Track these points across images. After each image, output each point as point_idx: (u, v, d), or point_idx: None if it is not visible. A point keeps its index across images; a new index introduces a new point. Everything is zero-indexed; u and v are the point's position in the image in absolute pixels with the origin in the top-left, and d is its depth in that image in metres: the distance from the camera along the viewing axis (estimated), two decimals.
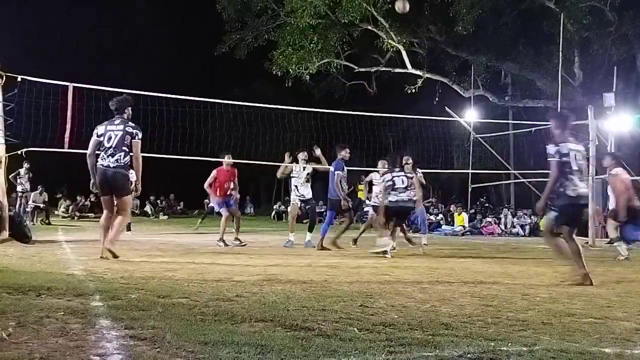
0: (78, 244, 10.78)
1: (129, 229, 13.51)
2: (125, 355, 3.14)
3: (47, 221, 19.05)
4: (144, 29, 32.83)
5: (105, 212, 8.10)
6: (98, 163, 7.90)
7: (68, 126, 11.14)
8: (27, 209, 18.46)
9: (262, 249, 11.04)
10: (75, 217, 23.11)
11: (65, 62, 28.42)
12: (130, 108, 8.23)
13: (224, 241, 11.26)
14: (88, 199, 25.28)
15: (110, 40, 32.85)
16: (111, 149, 7.82)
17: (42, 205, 19.47)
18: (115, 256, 7.79)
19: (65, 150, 11.55)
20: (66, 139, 11.19)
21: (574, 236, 6.81)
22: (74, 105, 11.23)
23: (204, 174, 12.81)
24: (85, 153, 8.21)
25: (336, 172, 10.87)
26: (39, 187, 19.49)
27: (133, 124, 8.04)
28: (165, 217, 26.51)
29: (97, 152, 7.98)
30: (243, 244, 11.35)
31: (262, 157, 19.25)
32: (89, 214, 23.82)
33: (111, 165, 7.82)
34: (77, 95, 11.48)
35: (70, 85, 11.23)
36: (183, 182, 26.34)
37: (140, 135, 8.01)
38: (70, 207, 23.99)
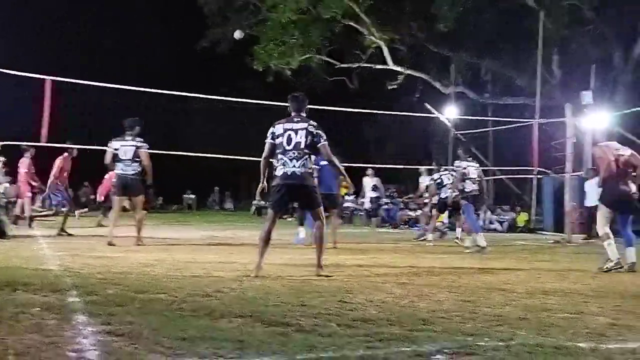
0: (55, 239, 10.67)
1: (31, 221, 13.39)
2: (102, 351, 3.11)
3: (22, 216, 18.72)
4: (126, 22, 32.41)
5: (115, 209, 10.21)
6: (119, 171, 9.77)
7: (46, 120, 11.02)
8: (1, 204, 18.11)
9: (241, 245, 11.00)
10: (52, 212, 22.78)
11: (45, 56, 27.96)
12: (139, 127, 9.91)
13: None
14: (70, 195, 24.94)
15: (93, 34, 32.36)
16: (127, 161, 9.68)
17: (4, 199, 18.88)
18: (142, 244, 9.67)
19: (43, 144, 11.43)
20: (43, 133, 11.07)
21: (318, 221, 6.56)
22: (52, 99, 11.12)
23: (182, 169, 12.77)
24: (63, 147, 11.41)
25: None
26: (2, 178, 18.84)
27: (140, 139, 9.79)
28: (144, 212, 26.23)
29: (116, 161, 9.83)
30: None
31: (243, 152, 19.19)
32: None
33: (129, 173, 9.70)
34: (56, 89, 11.36)
35: (48, 78, 11.10)
36: (161, 177, 26.12)
37: (146, 146, 9.80)
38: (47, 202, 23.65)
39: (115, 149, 9.76)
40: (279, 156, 6.46)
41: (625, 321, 4.31)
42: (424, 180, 14.83)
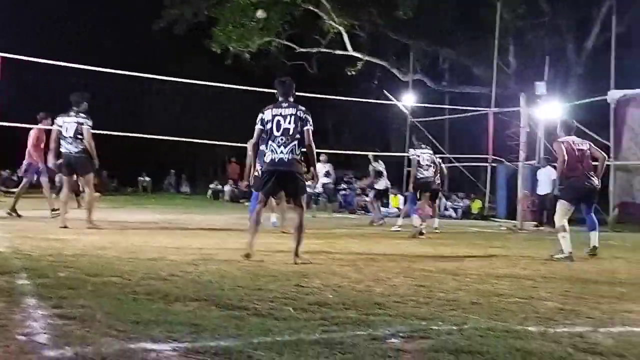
0: (4, 220, 10.36)
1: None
2: (52, 335, 3.05)
3: None
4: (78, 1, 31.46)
5: (65, 189, 9.50)
6: (62, 149, 9.27)
7: None
8: None
9: (197, 228, 10.91)
10: (1, 193, 22.12)
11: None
12: (86, 103, 9.43)
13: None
14: (15, 174, 24.28)
15: (46, 11, 31.31)
16: (69, 138, 9.16)
17: None
18: (93, 227, 9.06)
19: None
20: None
21: (299, 208, 6.57)
22: (2, 76, 10.79)
23: (137, 150, 12.54)
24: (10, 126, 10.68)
25: None
26: None
27: (84, 115, 9.25)
28: (97, 194, 25.71)
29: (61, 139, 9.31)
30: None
31: (200, 135, 18.97)
32: (15, 190, 22.80)
33: (72, 151, 9.19)
34: (6, 66, 11.02)
35: None
36: (116, 158, 25.65)
37: (89, 123, 9.23)
38: None
39: (59, 126, 9.28)
40: (268, 142, 6.46)
41: (573, 306, 4.45)
42: (375, 167, 15.06)
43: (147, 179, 29.12)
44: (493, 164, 18.76)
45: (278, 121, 6.40)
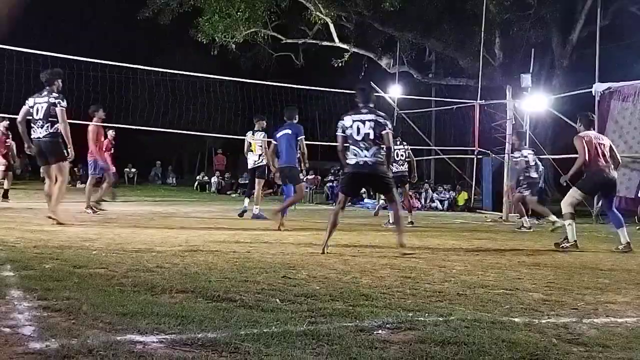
0: None
1: (5, 196, 12.83)
2: (37, 327, 3.03)
3: None
4: None
5: (46, 180, 8.67)
6: (33, 134, 8.43)
7: None
8: None
9: (184, 220, 10.88)
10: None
11: None
12: (60, 80, 8.63)
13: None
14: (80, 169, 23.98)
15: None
16: (40, 121, 8.36)
17: None
18: (58, 223, 8.19)
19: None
20: None
21: (394, 202, 7.12)
22: None
23: (123, 142, 12.41)
24: None
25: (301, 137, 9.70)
26: None
27: (56, 94, 8.40)
28: (83, 185, 25.45)
29: (30, 123, 8.52)
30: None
31: (186, 127, 18.87)
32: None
33: (41, 135, 8.36)
34: None
35: None
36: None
37: (63, 103, 8.37)
38: None
39: (30, 107, 8.41)
40: (351, 146, 6.80)
41: (557, 297, 4.50)
42: None
43: (133, 170, 28.97)
44: (479, 156, 18.84)
45: (358, 126, 6.74)
